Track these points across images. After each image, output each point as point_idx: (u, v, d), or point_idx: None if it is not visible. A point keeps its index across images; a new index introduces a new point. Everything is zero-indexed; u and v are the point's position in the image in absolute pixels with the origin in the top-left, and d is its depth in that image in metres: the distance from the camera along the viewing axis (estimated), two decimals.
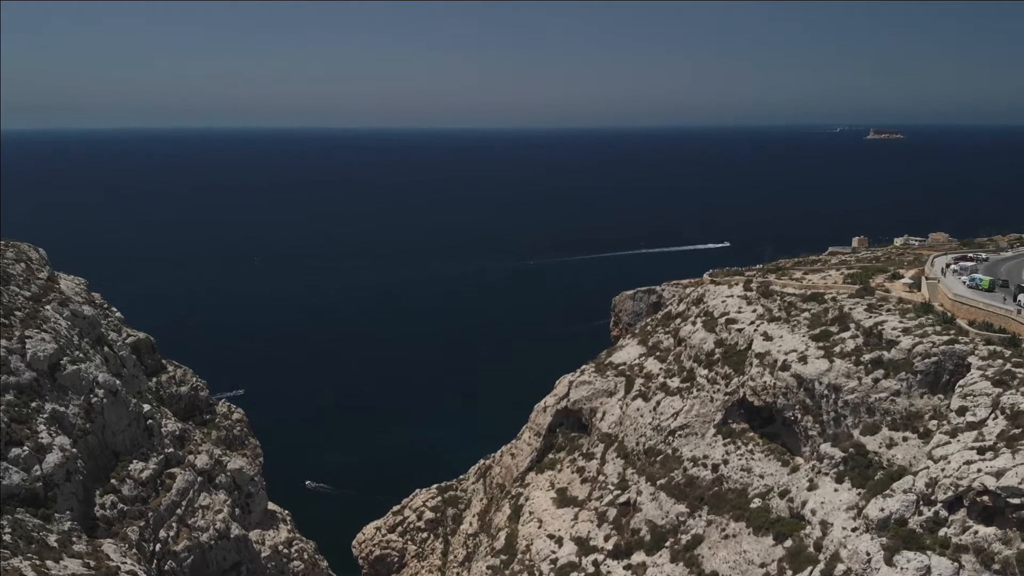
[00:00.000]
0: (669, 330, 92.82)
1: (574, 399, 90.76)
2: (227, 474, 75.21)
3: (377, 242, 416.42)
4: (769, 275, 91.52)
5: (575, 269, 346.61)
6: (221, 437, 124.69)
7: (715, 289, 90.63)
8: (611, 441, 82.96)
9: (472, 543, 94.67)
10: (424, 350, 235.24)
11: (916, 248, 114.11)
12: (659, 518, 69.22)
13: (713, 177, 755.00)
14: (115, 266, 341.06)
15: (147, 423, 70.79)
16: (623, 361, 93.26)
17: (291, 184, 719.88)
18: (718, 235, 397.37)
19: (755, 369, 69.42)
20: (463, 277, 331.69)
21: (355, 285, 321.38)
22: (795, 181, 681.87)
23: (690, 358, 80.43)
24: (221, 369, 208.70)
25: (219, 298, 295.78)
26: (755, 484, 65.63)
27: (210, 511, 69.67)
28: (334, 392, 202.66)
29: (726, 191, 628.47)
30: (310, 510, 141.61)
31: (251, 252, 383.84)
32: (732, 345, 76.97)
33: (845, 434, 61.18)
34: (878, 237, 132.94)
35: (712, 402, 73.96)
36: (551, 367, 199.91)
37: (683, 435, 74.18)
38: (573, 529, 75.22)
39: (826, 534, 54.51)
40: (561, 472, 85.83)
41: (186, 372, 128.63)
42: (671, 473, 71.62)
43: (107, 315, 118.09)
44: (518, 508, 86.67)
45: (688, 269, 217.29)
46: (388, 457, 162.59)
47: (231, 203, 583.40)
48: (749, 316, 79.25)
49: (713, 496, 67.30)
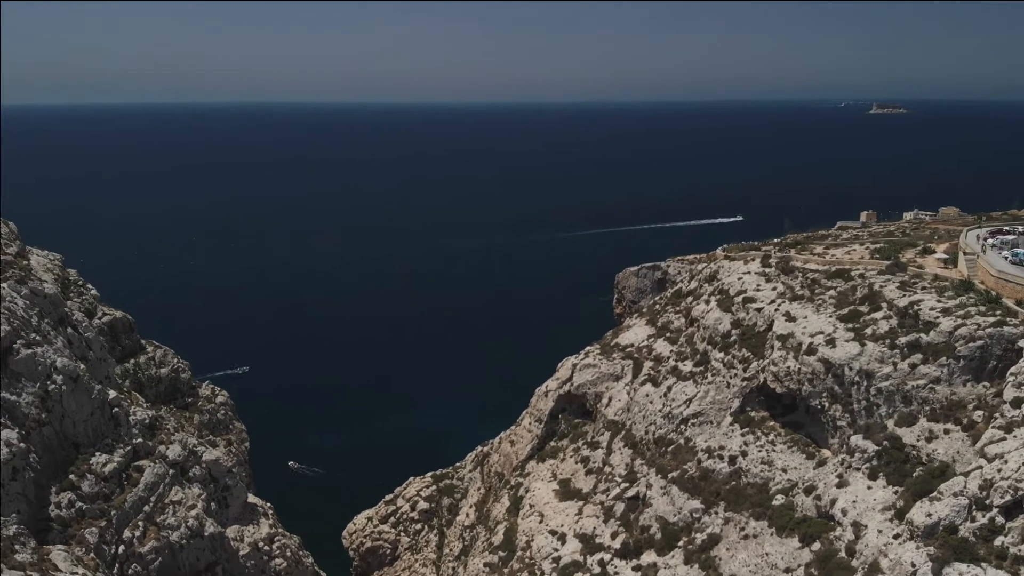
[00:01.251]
0: (680, 309, 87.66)
1: (578, 383, 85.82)
2: (202, 466, 70.28)
3: (376, 218, 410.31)
4: (788, 250, 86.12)
5: (578, 245, 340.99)
6: (204, 421, 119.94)
7: (730, 265, 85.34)
8: (618, 429, 78.08)
9: (469, 536, 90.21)
10: (423, 327, 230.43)
11: (929, 223, 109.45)
12: (671, 514, 64.45)
13: (721, 152, 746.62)
14: (111, 242, 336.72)
15: (113, 411, 65.73)
16: (630, 343, 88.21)
17: (292, 160, 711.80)
18: (728, 209, 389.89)
19: (777, 353, 64.28)
20: (464, 253, 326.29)
21: (354, 261, 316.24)
22: (801, 156, 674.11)
23: (704, 340, 75.31)
24: (217, 347, 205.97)
25: (215, 275, 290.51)
26: (777, 479, 60.76)
27: (182, 507, 64.74)
28: (327, 371, 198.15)
29: (734, 165, 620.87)
30: (299, 496, 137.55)
31: (251, 227, 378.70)
32: (750, 326, 71.83)
33: (878, 425, 56.17)
34: (887, 211, 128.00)
35: (728, 388, 68.93)
36: (552, 346, 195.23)
37: (697, 424, 69.26)
38: (577, 525, 70.52)
39: (859, 537, 49.64)
40: (564, 462, 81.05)
41: (166, 353, 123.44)
42: (684, 465, 66.78)
43: (81, 292, 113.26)
44: (518, 500, 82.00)
45: (696, 244, 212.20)
46: (383, 440, 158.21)
47: (230, 179, 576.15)
48: (769, 294, 74.05)
49: (730, 491, 62.48)
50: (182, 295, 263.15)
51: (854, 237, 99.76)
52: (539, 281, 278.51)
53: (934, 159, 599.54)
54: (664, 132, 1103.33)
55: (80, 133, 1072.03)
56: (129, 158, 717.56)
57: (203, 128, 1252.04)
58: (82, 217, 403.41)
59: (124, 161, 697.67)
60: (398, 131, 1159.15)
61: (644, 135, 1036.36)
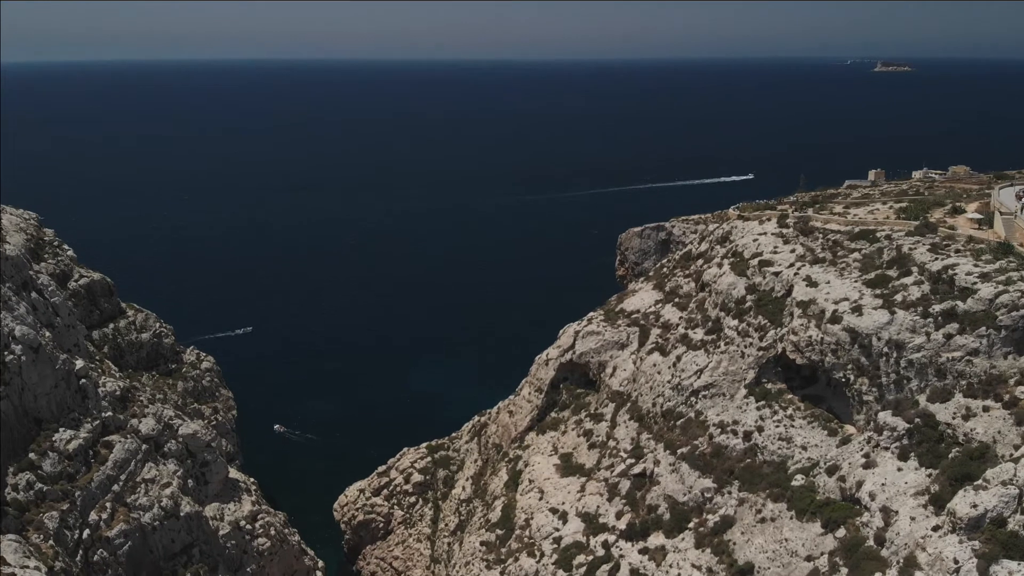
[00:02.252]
0: (690, 273, 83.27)
1: (580, 351, 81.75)
2: (178, 440, 66.47)
3: (376, 175, 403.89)
4: (806, 209, 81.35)
5: (579, 205, 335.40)
6: (188, 389, 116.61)
7: (744, 226, 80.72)
8: (623, 401, 74.17)
9: (465, 510, 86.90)
10: (420, 289, 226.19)
11: (942, 181, 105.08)
12: (680, 493, 60.74)
13: (728, 110, 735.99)
14: (108, 203, 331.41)
15: (80, 383, 61.81)
16: (636, 308, 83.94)
17: (293, 117, 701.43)
18: (738, 167, 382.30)
19: (797, 321, 60.00)
20: (462, 213, 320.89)
21: (353, 219, 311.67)
22: (808, 114, 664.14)
23: (716, 306, 70.99)
24: (221, 307, 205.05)
25: (209, 235, 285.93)
26: (796, 457, 56.91)
27: (155, 485, 61.11)
28: (322, 332, 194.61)
29: (742, 123, 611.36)
30: (289, 464, 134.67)
31: (250, 187, 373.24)
32: (767, 291, 67.47)
33: (909, 400, 52.13)
34: (894, 170, 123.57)
35: (743, 358, 64.79)
36: (553, 310, 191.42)
37: (708, 396, 65.28)
38: (579, 503, 66.91)
39: (889, 524, 45.86)
40: (565, 435, 77.28)
41: (148, 317, 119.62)
42: (694, 440, 62.90)
43: (57, 254, 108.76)
44: (516, 474, 78.45)
45: (704, 204, 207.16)
46: (377, 405, 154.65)
47: (224, 138, 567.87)
48: (787, 257, 69.58)
49: (745, 469, 58.68)
50: (183, 254, 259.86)
51: (872, 196, 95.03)
52: (539, 242, 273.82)
53: (939, 117, 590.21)
54: (669, 90, 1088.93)
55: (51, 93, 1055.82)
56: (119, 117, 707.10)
57: (199, 86, 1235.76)
58: (73, 175, 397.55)
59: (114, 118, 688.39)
60: (395, 89, 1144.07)
61: (647, 93, 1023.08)
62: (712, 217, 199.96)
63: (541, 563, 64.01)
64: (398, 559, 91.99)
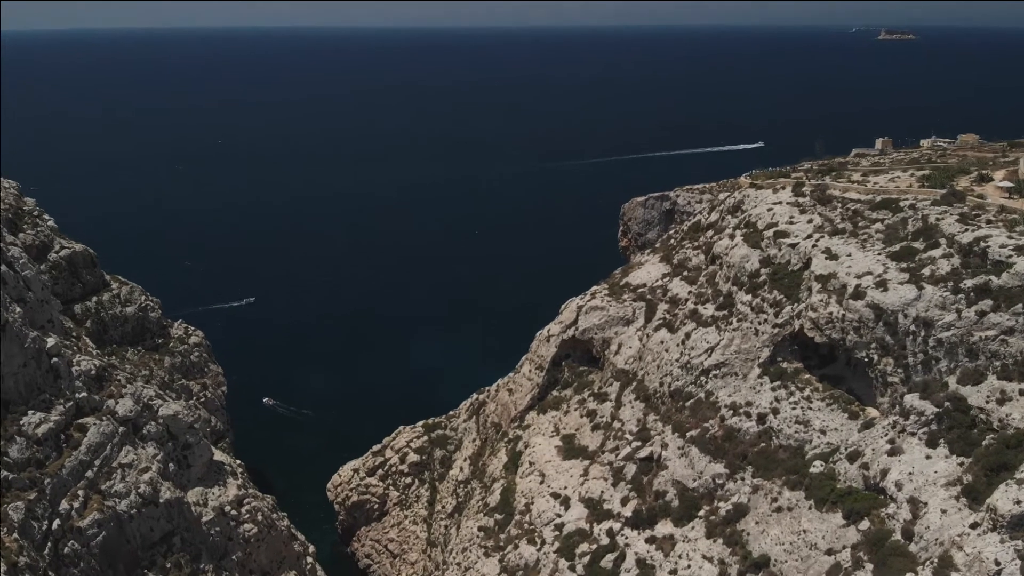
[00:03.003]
0: (699, 245, 79.78)
1: (583, 327, 78.53)
2: (158, 422, 63.44)
3: (374, 148, 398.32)
4: (823, 176, 77.63)
5: (581, 174, 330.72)
6: (176, 364, 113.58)
7: (757, 195, 77.07)
8: (628, 379, 71.07)
9: (463, 492, 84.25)
10: (419, 260, 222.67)
11: (954, 150, 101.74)
12: (690, 479, 57.80)
13: (734, 79, 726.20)
14: (103, 174, 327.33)
15: (52, 361, 58.63)
16: (642, 282, 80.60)
17: (295, 87, 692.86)
18: (747, 135, 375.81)
19: (816, 296, 56.65)
20: (466, 182, 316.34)
21: (351, 190, 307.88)
22: (815, 82, 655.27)
23: (728, 280, 67.61)
24: (225, 278, 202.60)
25: (205, 206, 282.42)
26: (814, 441, 53.88)
27: (133, 471, 58.19)
28: (320, 306, 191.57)
29: (749, 91, 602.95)
30: (284, 441, 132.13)
31: (251, 156, 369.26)
32: (782, 264, 64.10)
33: (938, 383, 49.01)
34: (901, 138, 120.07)
35: (757, 335, 61.56)
36: (554, 283, 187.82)
37: (719, 375, 62.15)
38: (583, 487, 64.06)
39: (918, 517, 42.95)
40: (568, 415, 74.30)
41: (133, 289, 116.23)
42: (705, 423, 59.85)
43: (36, 224, 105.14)
44: (516, 456, 75.65)
45: (712, 173, 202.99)
46: (374, 380, 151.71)
47: (221, 109, 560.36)
48: (804, 228, 66.09)
49: (759, 455, 55.71)
50: (181, 226, 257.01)
51: (889, 163, 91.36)
52: (540, 213, 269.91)
53: (943, 86, 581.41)
54: (673, 58, 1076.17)
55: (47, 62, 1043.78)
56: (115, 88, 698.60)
57: (196, 55, 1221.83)
58: (69, 146, 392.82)
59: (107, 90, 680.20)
60: (395, 57, 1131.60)
61: (652, 61, 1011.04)
62: (719, 186, 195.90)
63: (542, 551, 61.34)
64: (393, 541, 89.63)
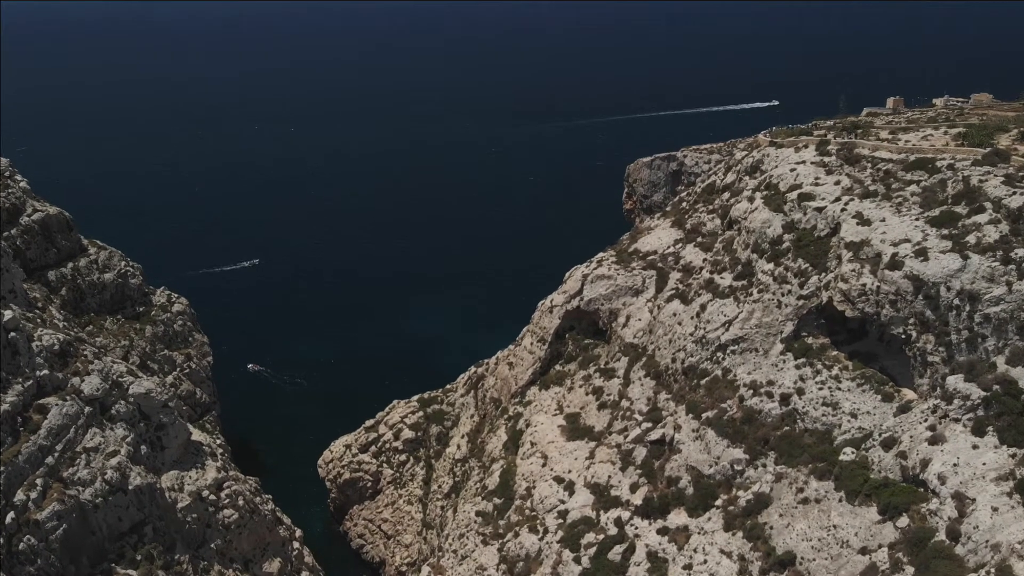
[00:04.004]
0: (714, 208, 75.17)
1: (589, 298, 74.22)
2: (129, 401, 59.48)
3: (370, 109, 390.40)
4: (849, 134, 72.71)
5: (584, 134, 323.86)
6: (158, 334, 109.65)
7: (778, 153, 72.24)
8: (638, 354, 66.95)
9: (460, 471, 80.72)
10: (415, 224, 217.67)
11: (973, 108, 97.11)
12: (706, 465, 53.95)
13: (742, 35, 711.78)
14: (99, 138, 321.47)
15: (9, 336, 54.44)
16: (653, 249, 76.16)
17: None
18: (760, 93, 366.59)
19: (847, 266, 52.24)
20: (461, 145, 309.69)
21: (349, 148, 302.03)
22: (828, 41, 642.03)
23: (747, 247, 63.16)
24: (229, 240, 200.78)
25: (210, 168, 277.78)
26: (844, 426, 49.89)
27: (99, 455, 54.32)
28: (314, 268, 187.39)
29: (758, 49, 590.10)
30: (275, 411, 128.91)
31: (254, 114, 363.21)
32: (807, 230, 59.61)
33: (984, 363, 44.90)
34: (914, 97, 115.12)
35: (780, 308, 57.29)
36: (557, 249, 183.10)
37: (738, 351, 58.00)
38: (588, 471, 60.27)
39: (965, 515, 39.14)
40: (572, 392, 70.33)
41: (112, 255, 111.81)
42: (722, 403, 55.86)
43: (7, 185, 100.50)
44: (517, 435, 71.84)
45: (722, 132, 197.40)
46: (371, 348, 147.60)
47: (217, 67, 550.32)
48: (831, 190, 61.45)
49: (783, 439, 51.80)
50: (186, 185, 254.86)
51: (916, 121, 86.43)
52: (542, 174, 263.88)
53: (948, 44, 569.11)
54: (676, 16, 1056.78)
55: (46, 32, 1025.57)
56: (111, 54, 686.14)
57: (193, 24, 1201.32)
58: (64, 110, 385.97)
59: None
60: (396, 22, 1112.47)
61: (654, 18, 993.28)
62: (727, 146, 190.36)
63: (544, 540, 57.73)
64: (387, 522, 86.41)
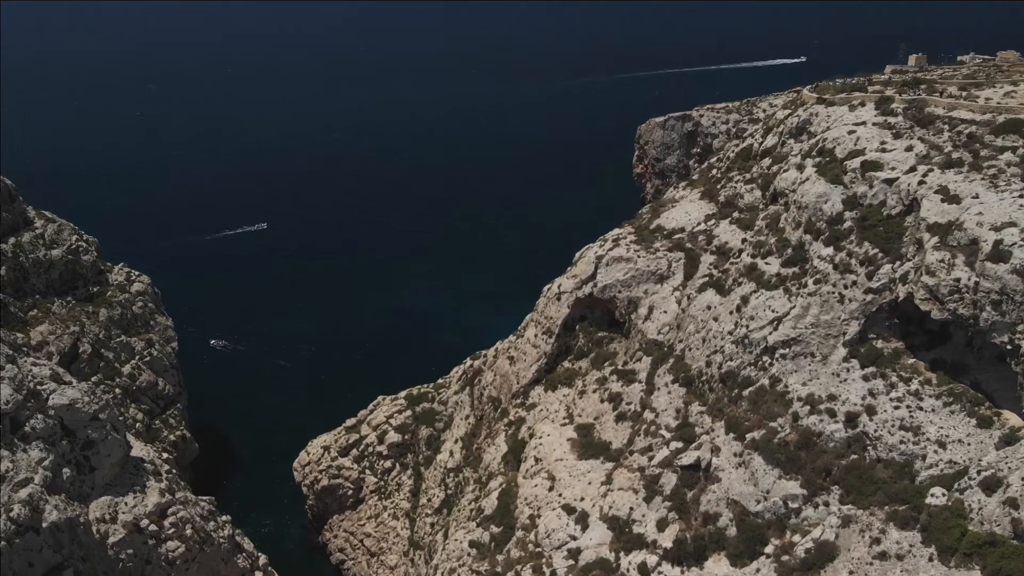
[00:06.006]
0: (752, 177, 65.67)
1: (604, 284, 65.07)
2: (49, 414, 50.59)
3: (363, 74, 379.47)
4: (914, 90, 62.97)
5: (593, 93, 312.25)
6: (114, 318, 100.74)
7: (829, 112, 62.65)
8: (663, 355, 57.94)
9: (453, 482, 72.23)
10: (409, 195, 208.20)
11: (1009, 66, 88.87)
12: (752, 499, 45.20)
13: None
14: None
15: None
16: (679, 226, 66.85)
17: None
18: (783, 49, 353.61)
19: (933, 254, 43.01)
20: (467, 104, 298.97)
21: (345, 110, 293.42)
22: None
23: (798, 225, 53.85)
24: (236, 204, 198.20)
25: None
26: (930, 458, 41.02)
27: (5, 485, 45.41)
28: (304, 238, 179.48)
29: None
30: (253, 400, 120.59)
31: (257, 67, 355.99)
32: (875, 207, 50.34)
33: None
34: (937, 55, 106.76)
35: (842, 303, 48.17)
36: (563, 221, 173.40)
37: (790, 356, 48.97)
38: (605, 501, 51.55)
39: None
40: (584, 396, 61.48)
41: (62, 228, 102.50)
42: (771, 421, 46.96)
43: None
44: (519, 445, 63.23)
45: (740, 91, 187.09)
46: (362, 332, 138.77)
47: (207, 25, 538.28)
48: (902, 157, 51.99)
49: (849, 471, 43.05)
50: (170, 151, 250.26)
51: (984, 74, 76.75)
52: (547, 137, 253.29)
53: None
54: None
55: None
56: None
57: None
58: None
59: None
60: None
61: None
62: (745, 104, 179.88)
63: None
64: (370, 537, 78.19)
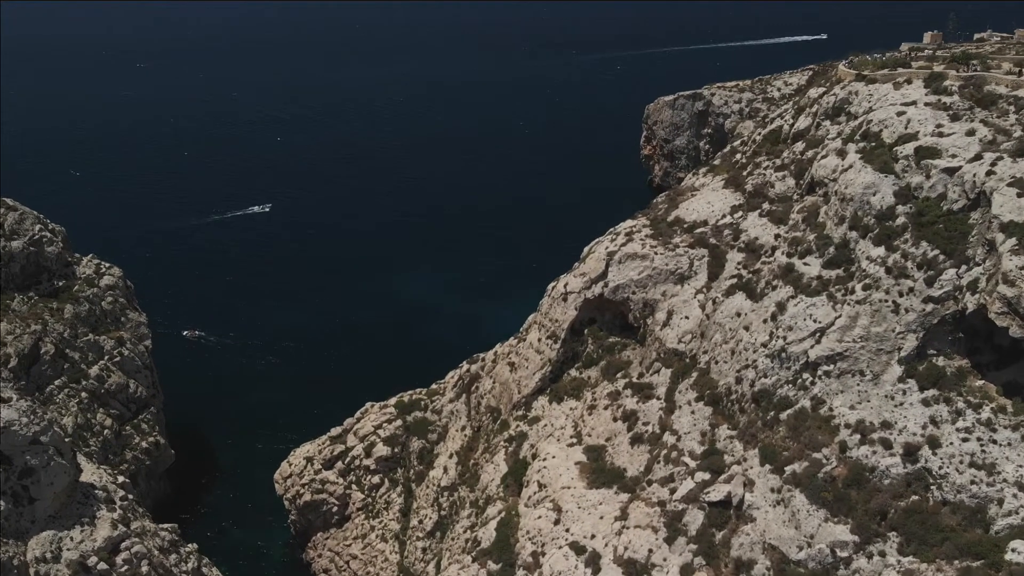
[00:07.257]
0: (784, 163, 59.56)
1: (616, 283, 59.03)
2: None
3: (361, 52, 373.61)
4: (967, 67, 56.78)
5: (598, 70, 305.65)
6: (81, 314, 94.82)
7: (870, 91, 56.42)
8: (685, 367, 52.01)
9: (447, 502, 66.59)
10: (405, 177, 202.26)
11: None
12: (793, 545, 39.39)
13: None
14: None
15: None
16: (701, 218, 60.77)
17: None
18: (806, 26, 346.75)
19: (1011, 260, 37.17)
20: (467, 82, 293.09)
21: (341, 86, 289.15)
22: None
23: (842, 220, 47.81)
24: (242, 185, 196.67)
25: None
26: (1008, 503, 35.41)
27: None
28: (300, 223, 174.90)
29: None
30: (237, 400, 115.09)
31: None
32: (934, 200, 44.34)
33: None
34: (954, 33, 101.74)
35: (898, 313, 42.24)
36: (570, 211, 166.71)
37: (835, 374, 43.11)
38: (619, 540, 45.79)
39: None
40: (593, 413, 55.63)
41: (24, 217, 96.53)
42: (814, 452, 41.16)
43: None
44: (520, 466, 57.56)
45: (753, 69, 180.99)
46: (357, 326, 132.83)
47: None
48: (963, 142, 45.95)
49: (909, 515, 37.28)
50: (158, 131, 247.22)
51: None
52: (551, 117, 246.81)
53: None
54: None
55: None
56: None
57: None
58: None
59: None
60: None
61: None
62: (758, 82, 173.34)
63: None
64: (357, 559, 72.73)
